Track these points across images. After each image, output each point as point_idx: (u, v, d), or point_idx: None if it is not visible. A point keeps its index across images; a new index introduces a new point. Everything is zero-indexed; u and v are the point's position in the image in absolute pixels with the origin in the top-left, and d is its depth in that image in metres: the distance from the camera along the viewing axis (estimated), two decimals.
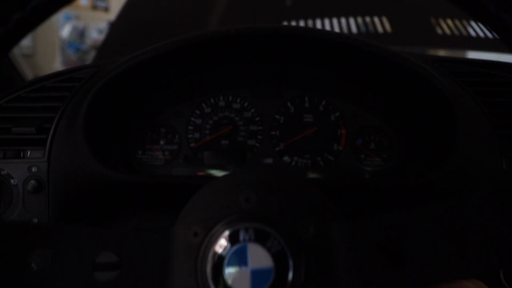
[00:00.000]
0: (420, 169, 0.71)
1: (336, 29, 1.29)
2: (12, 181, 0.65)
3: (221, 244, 0.38)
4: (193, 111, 0.82)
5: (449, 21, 1.20)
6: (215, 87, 0.82)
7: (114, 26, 1.77)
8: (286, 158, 0.81)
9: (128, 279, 0.39)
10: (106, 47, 1.59)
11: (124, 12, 1.66)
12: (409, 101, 0.72)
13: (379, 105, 0.78)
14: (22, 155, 0.66)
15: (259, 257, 0.37)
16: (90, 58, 3.80)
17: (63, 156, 0.65)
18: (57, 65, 3.84)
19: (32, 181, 0.65)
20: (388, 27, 1.28)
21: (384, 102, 0.77)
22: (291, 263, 0.36)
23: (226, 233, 0.38)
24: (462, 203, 0.36)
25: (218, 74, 0.81)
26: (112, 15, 3.82)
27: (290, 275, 0.36)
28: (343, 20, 1.31)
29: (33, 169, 0.65)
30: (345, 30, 1.29)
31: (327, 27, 1.32)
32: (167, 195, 0.73)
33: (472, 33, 1.23)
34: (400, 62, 0.63)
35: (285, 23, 1.33)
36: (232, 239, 0.38)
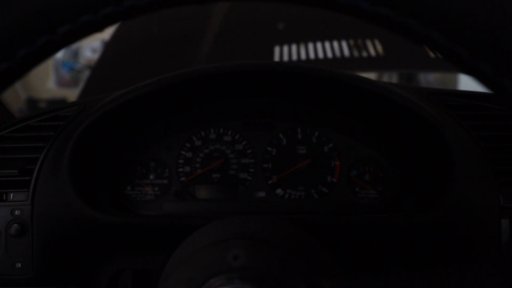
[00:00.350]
0: (416, 203, 0.69)
1: (329, 53, 1.28)
2: None
3: None
4: (183, 144, 0.80)
5: None
6: (206, 119, 0.80)
7: (106, 50, 1.76)
8: (279, 191, 0.79)
9: None
10: (98, 72, 1.58)
11: (116, 36, 1.65)
12: (403, 135, 0.71)
13: (373, 137, 0.77)
14: (4, 198, 0.64)
15: None
16: (84, 77, 3.78)
17: (48, 199, 0.63)
18: (51, 85, 3.83)
19: (15, 225, 0.62)
20: (380, 49, 1.27)
21: (378, 135, 0.76)
22: None
23: None
24: None
25: (209, 107, 0.80)
26: (106, 34, 3.81)
27: None
28: (335, 44, 1.31)
29: (16, 212, 0.63)
30: (337, 53, 1.29)
31: (319, 51, 1.31)
32: (157, 235, 0.71)
33: None
34: (394, 98, 0.62)
35: (277, 47, 1.33)
36: None
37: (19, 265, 0.63)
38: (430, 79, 2.06)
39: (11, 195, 0.64)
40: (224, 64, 0.66)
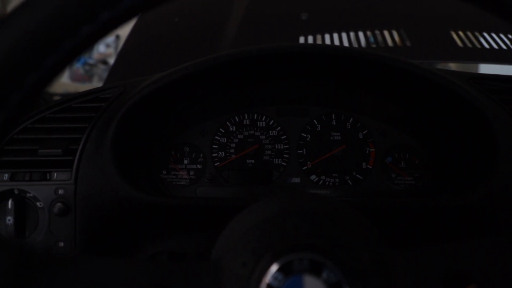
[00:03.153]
0: (454, 189, 0.69)
1: (354, 44, 1.28)
2: (38, 203, 0.64)
3: (273, 275, 0.36)
4: (218, 130, 0.80)
5: (469, 34, 1.18)
6: (240, 105, 0.80)
7: (127, 42, 1.77)
8: (313, 177, 0.79)
9: None
10: (120, 65, 1.59)
11: (136, 28, 1.66)
12: (443, 119, 0.71)
13: (409, 122, 0.77)
14: (48, 177, 0.64)
15: None
16: (97, 71, 3.81)
17: (90, 178, 0.64)
18: (65, 79, 3.85)
19: (59, 204, 0.63)
20: (406, 39, 1.27)
21: (414, 120, 0.76)
22: None
23: (279, 263, 0.36)
24: None
25: (243, 92, 0.80)
26: (120, 29, 3.82)
27: None
28: (360, 34, 1.30)
29: (60, 191, 0.64)
30: (363, 43, 1.28)
31: (345, 41, 1.31)
32: (193, 217, 0.71)
33: (486, 45, 1.21)
34: (436, 80, 0.61)
35: (301, 37, 1.32)
36: (285, 270, 0.36)
37: (62, 244, 0.64)
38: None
39: (55, 174, 0.64)
40: (261, 46, 0.66)
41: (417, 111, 0.74)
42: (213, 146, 0.80)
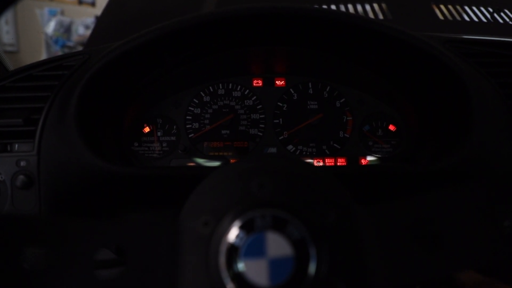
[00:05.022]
0: (431, 154, 0.68)
1: None
2: None
3: (235, 234, 0.34)
4: (191, 100, 0.78)
5: (450, 7, 1.17)
6: (214, 74, 0.78)
7: (102, 17, 1.71)
8: (290, 147, 0.77)
9: (133, 276, 0.35)
10: (95, 38, 1.54)
11: (113, 2, 1.60)
12: (419, 84, 0.69)
13: (386, 90, 0.75)
14: (9, 148, 0.61)
15: (278, 245, 0.33)
16: None
17: (54, 149, 0.60)
18: None
19: (21, 176, 0.60)
20: (387, 13, 1.25)
21: (391, 87, 0.74)
22: (313, 251, 0.33)
23: (240, 221, 0.35)
24: (494, 180, 0.34)
25: (217, 60, 0.77)
26: (99, 10, 3.72)
27: (313, 264, 0.33)
28: (341, 7, 1.27)
29: (22, 163, 0.60)
30: None
31: None
32: (166, 189, 0.69)
33: (467, 18, 1.20)
34: (413, 42, 0.60)
35: None
36: (247, 228, 0.34)
37: None
38: None
39: (16, 145, 0.61)
40: (233, 7, 0.63)
41: (394, 77, 0.73)
42: (187, 117, 0.77)
